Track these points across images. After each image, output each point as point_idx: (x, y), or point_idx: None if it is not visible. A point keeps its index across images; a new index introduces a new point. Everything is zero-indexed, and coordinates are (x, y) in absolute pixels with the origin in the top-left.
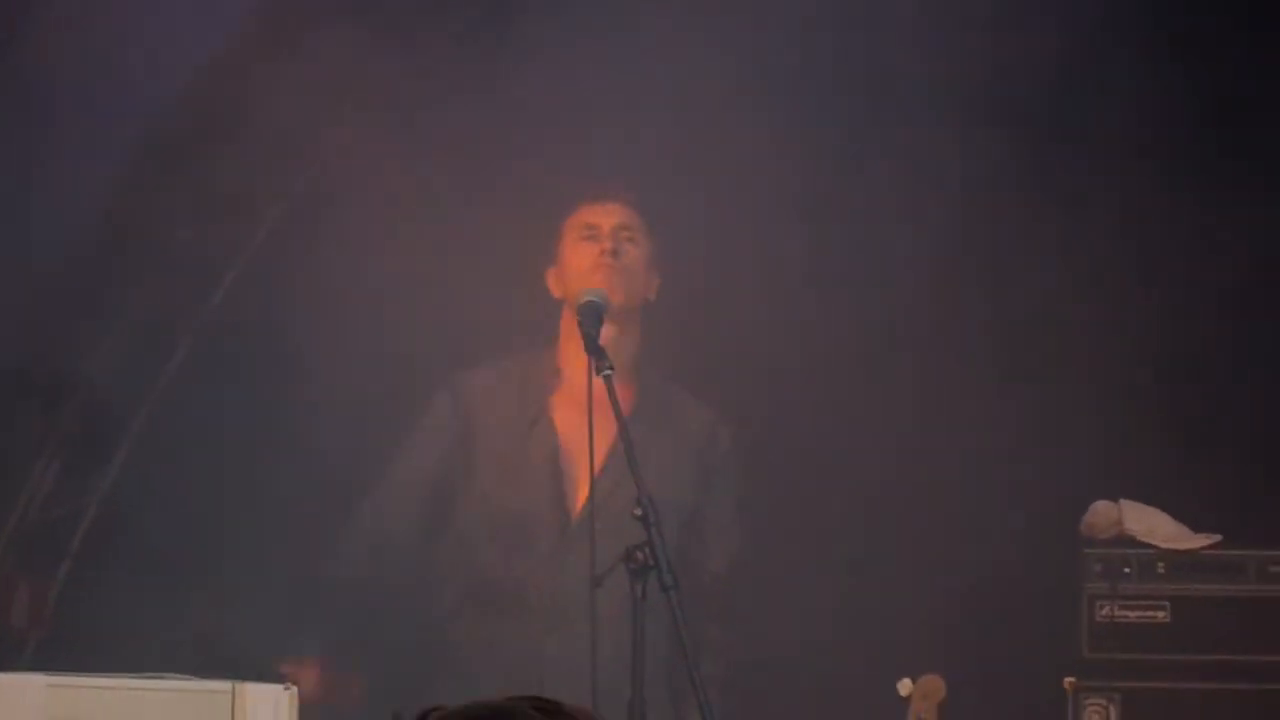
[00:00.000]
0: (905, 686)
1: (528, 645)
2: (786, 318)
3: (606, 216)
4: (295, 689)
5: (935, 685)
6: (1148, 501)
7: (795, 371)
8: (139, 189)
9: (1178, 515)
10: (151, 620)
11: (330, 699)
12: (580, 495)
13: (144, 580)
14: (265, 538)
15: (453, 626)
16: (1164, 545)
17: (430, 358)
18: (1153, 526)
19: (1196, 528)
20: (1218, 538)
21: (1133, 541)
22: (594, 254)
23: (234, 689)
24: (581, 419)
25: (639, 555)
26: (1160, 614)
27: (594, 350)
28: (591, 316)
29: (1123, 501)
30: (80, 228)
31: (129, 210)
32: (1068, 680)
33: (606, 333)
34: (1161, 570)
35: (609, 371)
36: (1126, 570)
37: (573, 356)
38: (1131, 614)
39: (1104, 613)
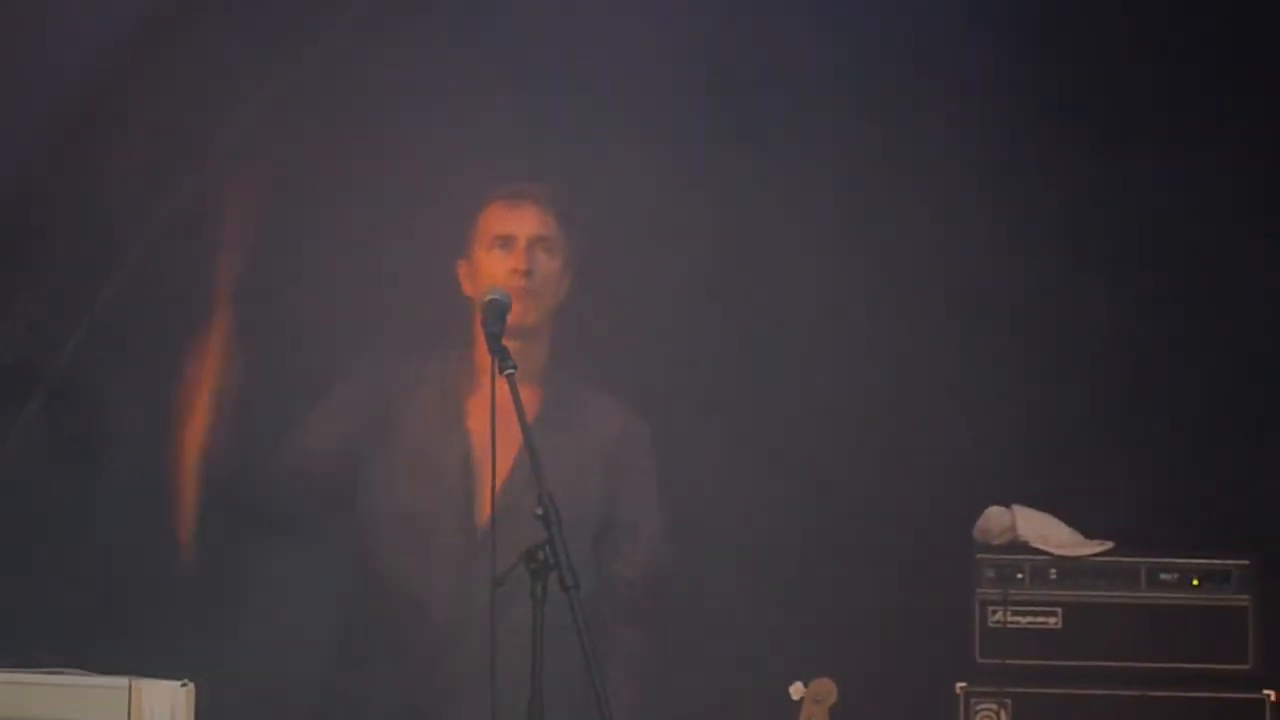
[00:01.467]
0: (797, 690)
1: (430, 651)
2: (704, 313)
3: (521, 224)
4: (192, 685)
5: (827, 688)
6: (1041, 507)
7: (707, 371)
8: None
9: (1071, 522)
10: (12, 615)
11: None
12: (487, 503)
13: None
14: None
15: (351, 624)
16: (1057, 551)
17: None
18: (1046, 533)
19: (1089, 534)
20: (1110, 544)
21: (1025, 547)
22: (506, 269)
23: (130, 685)
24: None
25: (539, 555)
26: (1052, 620)
27: (496, 350)
28: (494, 315)
29: (1016, 507)
30: None
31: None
32: (959, 685)
33: (514, 344)
34: (1054, 576)
35: (511, 371)
36: (1019, 576)
37: (485, 360)
38: (1023, 619)
39: (996, 618)
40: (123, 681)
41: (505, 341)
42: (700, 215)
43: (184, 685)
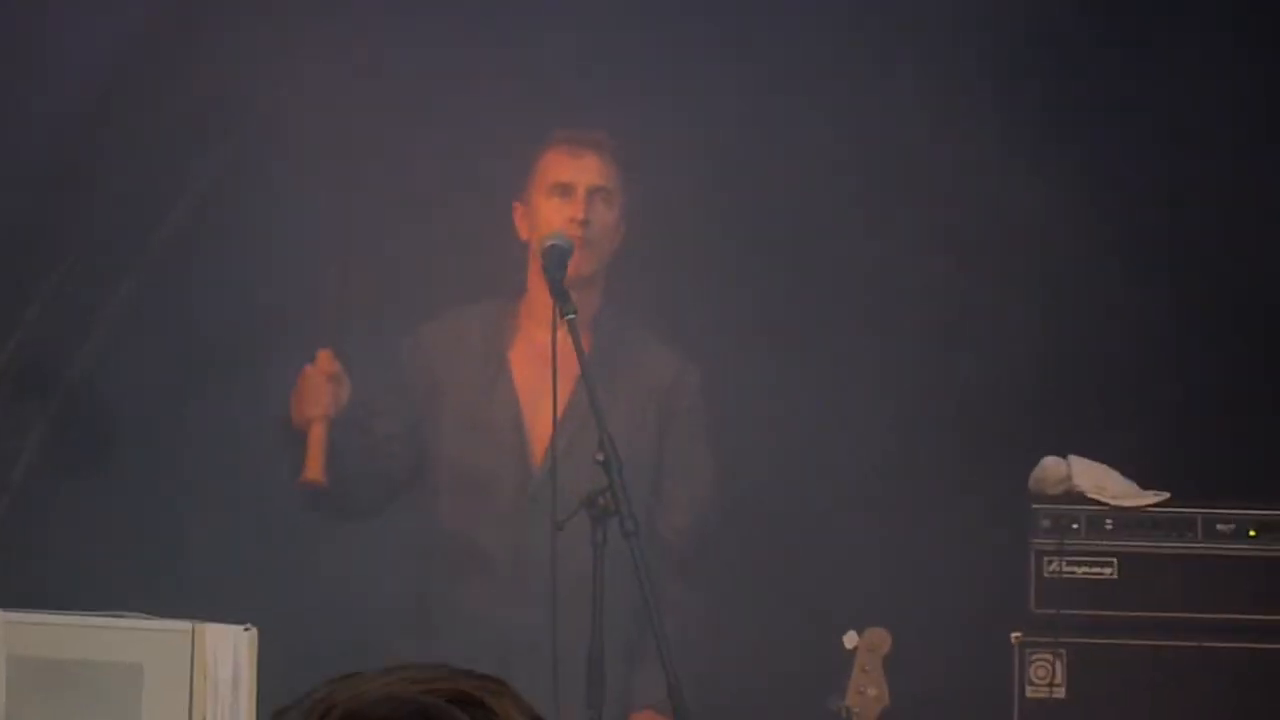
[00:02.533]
0: (851, 639)
1: (492, 604)
2: (758, 268)
3: (581, 173)
4: (255, 630)
5: (881, 638)
6: (1096, 458)
7: (761, 323)
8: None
9: (1126, 472)
10: (93, 558)
11: None
12: (540, 451)
13: (85, 517)
14: (215, 484)
15: (419, 587)
16: (1112, 502)
17: (391, 306)
18: (1101, 483)
19: (1145, 485)
20: (1166, 495)
21: (1081, 498)
22: (564, 217)
23: (193, 629)
24: (541, 371)
25: (600, 500)
26: (1108, 570)
27: (558, 293)
28: (556, 260)
29: (1071, 458)
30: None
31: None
32: (1014, 635)
33: (570, 293)
34: (1109, 527)
35: (573, 315)
36: (1074, 526)
37: (535, 306)
38: (1079, 570)
39: (1051, 568)
40: (186, 625)
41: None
42: (756, 164)
43: (246, 630)
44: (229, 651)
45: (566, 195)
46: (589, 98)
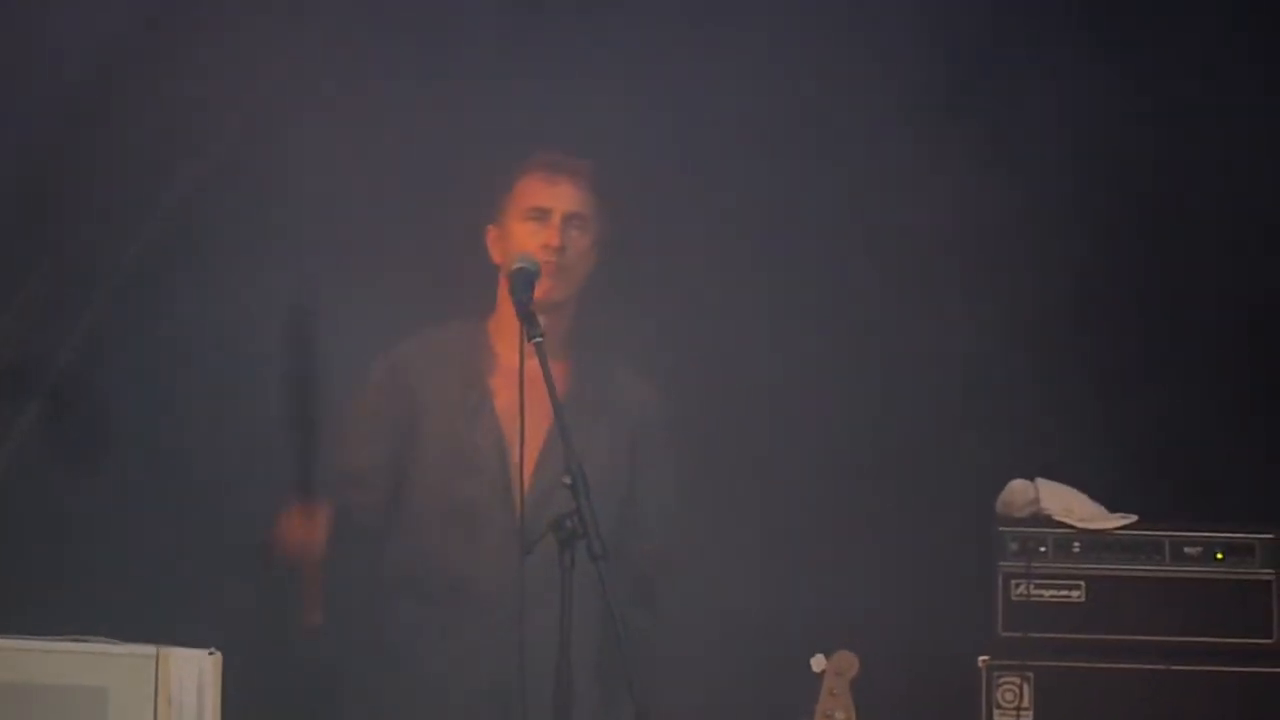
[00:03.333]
0: (819, 662)
1: (464, 631)
2: (727, 293)
3: (558, 200)
4: (219, 654)
5: (849, 661)
6: (1064, 480)
7: (729, 348)
8: (57, 147)
9: (1094, 495)
10: (55, 582)
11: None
12: (529, 479)
13: (52, 543)
14: (188, 507)
15: (402, 618)
16: (1080, 525)
17: (362, 327)
18: (1069, 505)
19: (1112, 507)
20: (1133, 518)
21: (1049, 520)
22: (538, 243)
23: (158, 653)
24: (517, 396)
25: (568, 523)
26: (1075, 593)
27: (525, 316)
28: (523, 283)
29: (1039, 480)
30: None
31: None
32: (982, 658)
33: (540, 319)
34: (1077, 549)
35: (539, 339)
36: (1042, 549)
37: (506, 330)
38: (1046, 593)
39: (1019, 591)
40: (150, 649)
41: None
42: (729, 195)
43: (211, 653)
44: (194, 675)
45: (542, 220)
46: (568, 122)
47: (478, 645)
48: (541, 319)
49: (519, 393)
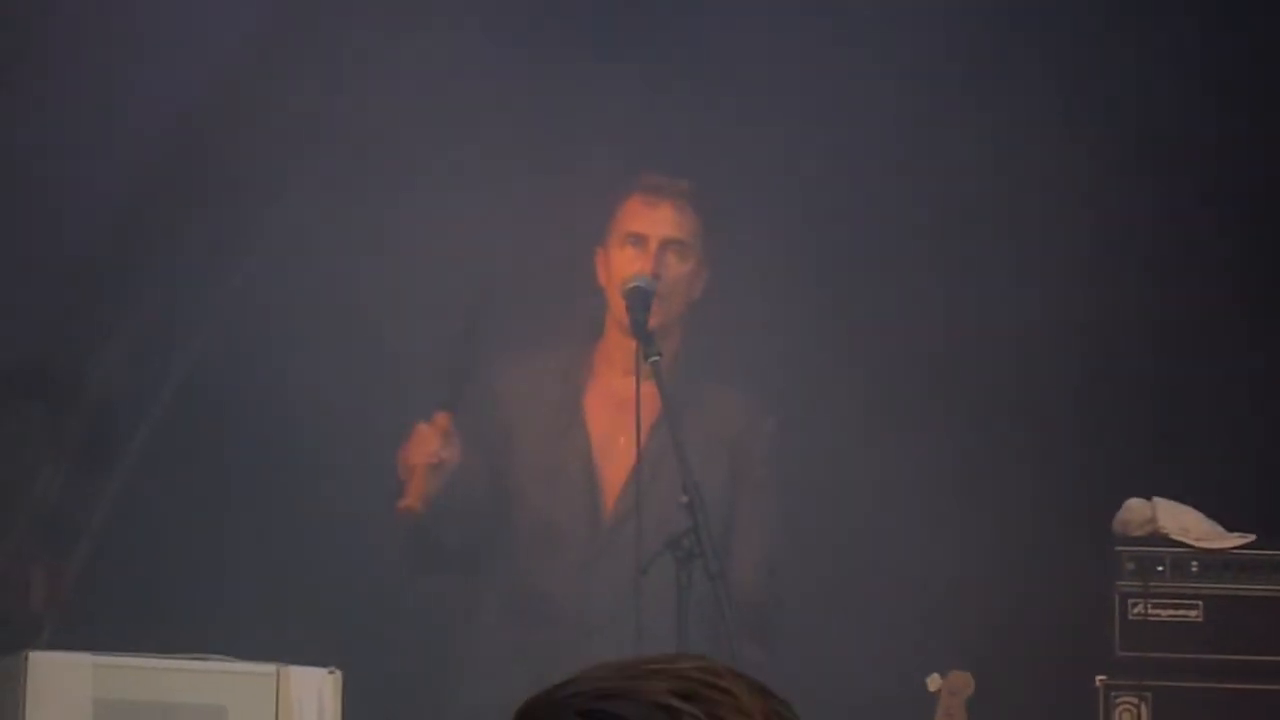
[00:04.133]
0: (934, 682)
1: (560, 653)
2: (835, 316)
3: (654, 225)
4: (339, 673)
5: (964, 681)
6: (1181, 499)
7: (835, 369)
8: (149, 186)
9: (1211, 514)
10: (168, 602)
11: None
12: (611, 500)
13: (158, 563)
14: (276, 537)
15: (493, 636)
16: (1197, 544)
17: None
18: (1186, 525)
19: (1230, 527)
20: (1251, 537)
21: (1166, 539)
22: (634, 270)
23: (278, 671)
24: (614, 417)
25: (684, 542)
26: (1193, 613)
27: (641, 336)
28: (639, 301)
29: (1156, 499)
30: (88, 229)
31: (138, 209)
32: (1099, 678)
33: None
34: (1195, 569)
35: (657, 358)
36: (1159, 568)
37: (611, 350)
38: (1164, 613)
39: (1136, 611)
40: (271, 668)
41: (631, 340)
42: (838, 214)
43: (331, 673)
44: (314, 694)
45: (640, 246)
46: (676, 144)
47: (568, 664)
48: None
49: (635, 412)
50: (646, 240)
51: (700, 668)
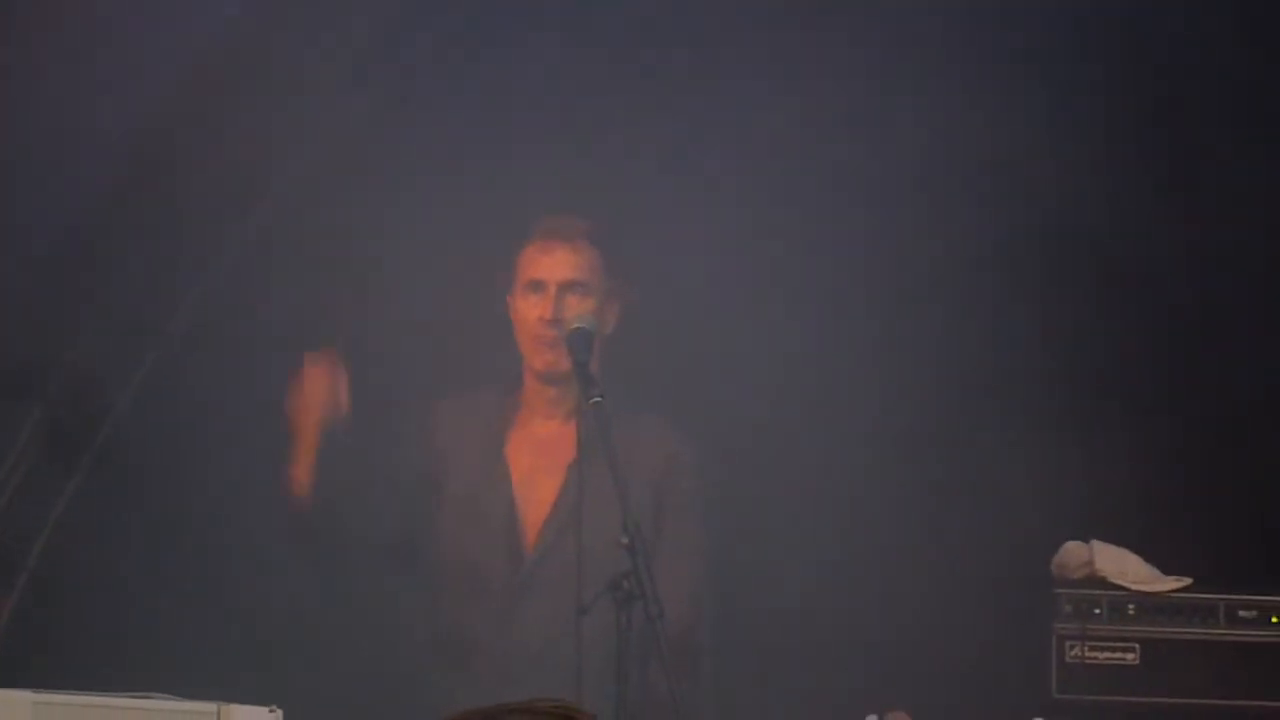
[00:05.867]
0: None
1: (484, 697)
2: (755, 342)
3: (551, 269)
4: (279, 711)
5: None
6: (1119, 543)
7: (760, 400)
8: (120, 192)
9: (1148, 557)
10: (108, 640)
11: None
12: (530, 542)
13: (100, 597)
14: (224, 565)
15: (414, 676)
16: (1135, 587)
17: (403, 385)
18: (1124, 568)
19: (1167, 570)
20: (1188, 580)
21: (1103, 582)
22: (535, 316)
23: (219, 710)
24: (535, 461)
25: (625, 584)
26: (1130, 655)
27: (582, 378)
28: (580, 343)
29: (1094, 542)
30: (53, 241)
31: (104, 221)
32: None
33: (551, 390)
34: (1132, 612)
35: (599, 399)
36: (1097, 611)
37: (530, 398)
38: (1101, 655)
39: (1074, 653)
40: (211, 707)
41: (542, 386)
42: (752, 238)
43: (272, 711)
44: None
45: (540, 291)
46: (578, 181)
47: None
48: (553, 389)
49: (553, 457)
50: (545, 285)
51: (557, 708)
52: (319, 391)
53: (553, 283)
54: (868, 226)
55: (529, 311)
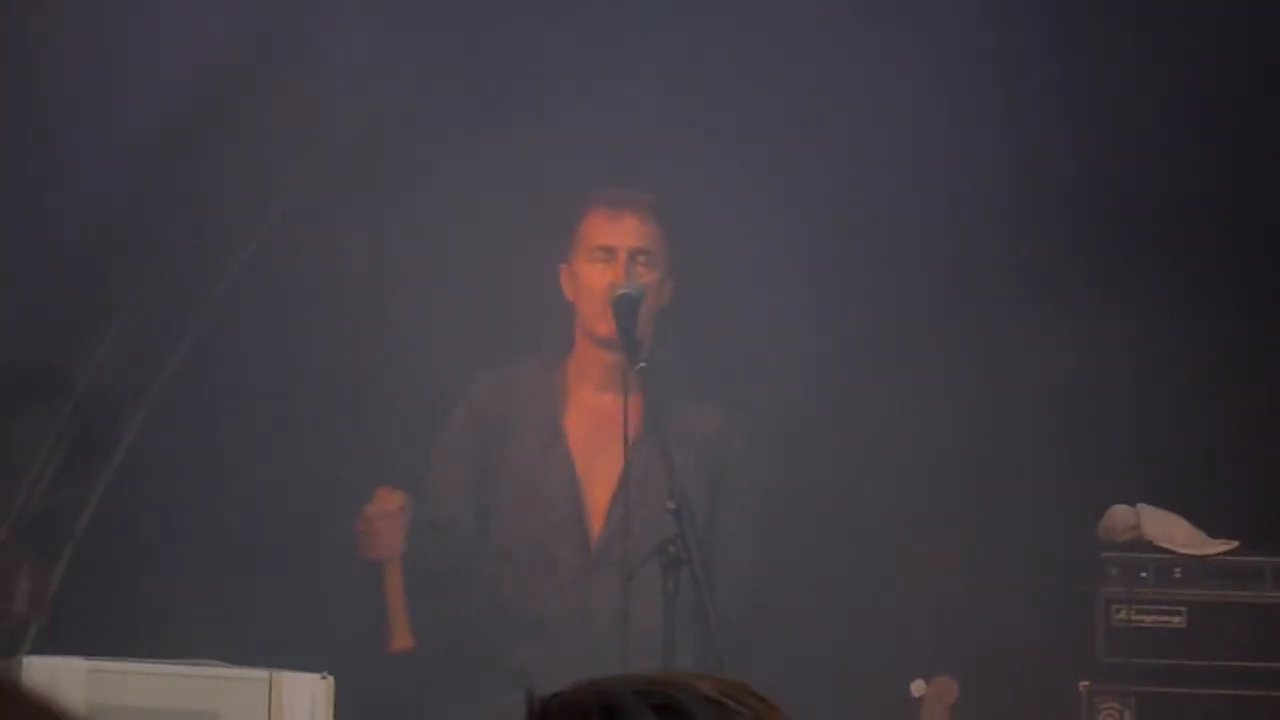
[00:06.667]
0: (919, 687)
1: (553, 672)
2: (805, 319)
3: (621, 236)
4: (332, 678)
5: (948, 686)
6: (1165, 506)
7: (810, 374)
8: (140, 185)
9: (1195, 520)
10: (152, 606)
11: None
12: (598, 521)
13: (144, 567)
14: (266, 537)
15: (480, 653)
16: (1181, 550)
17: (440, 358)
18: (1170, 531)
19: (1213, 533)
20: (1234, 543)
21: (1150, 546)
22: (605, 282)
23: (270, 676)
24: (594, 433)
25: (671, 549)
26: (1176, 619)
27: (628, 344)
28: (627, 309)
29: (1140, 506)
30: (83, 222)
31: (130, 205)
32: (1082, 684)
33: (612, 356)
34: (1178, 575)
35: (644, 365)
36: (1143, 575)
37: (584, 365)
38: (1147, 618)
39: (1120, 617)
40: (263, 673)
41: (605, 353)
42: (804, 216)
43: (324, 678)
44: (306, 700)
45: (608, 259)
46: (635, 154)
47: (560, 675)
48: (614, 355)
49: (622, 423)
50: (615, 252)
51: (737, 679)
52: (388, 536)
53: (623, 249)
54: (925, 208)
55: (596, 278)
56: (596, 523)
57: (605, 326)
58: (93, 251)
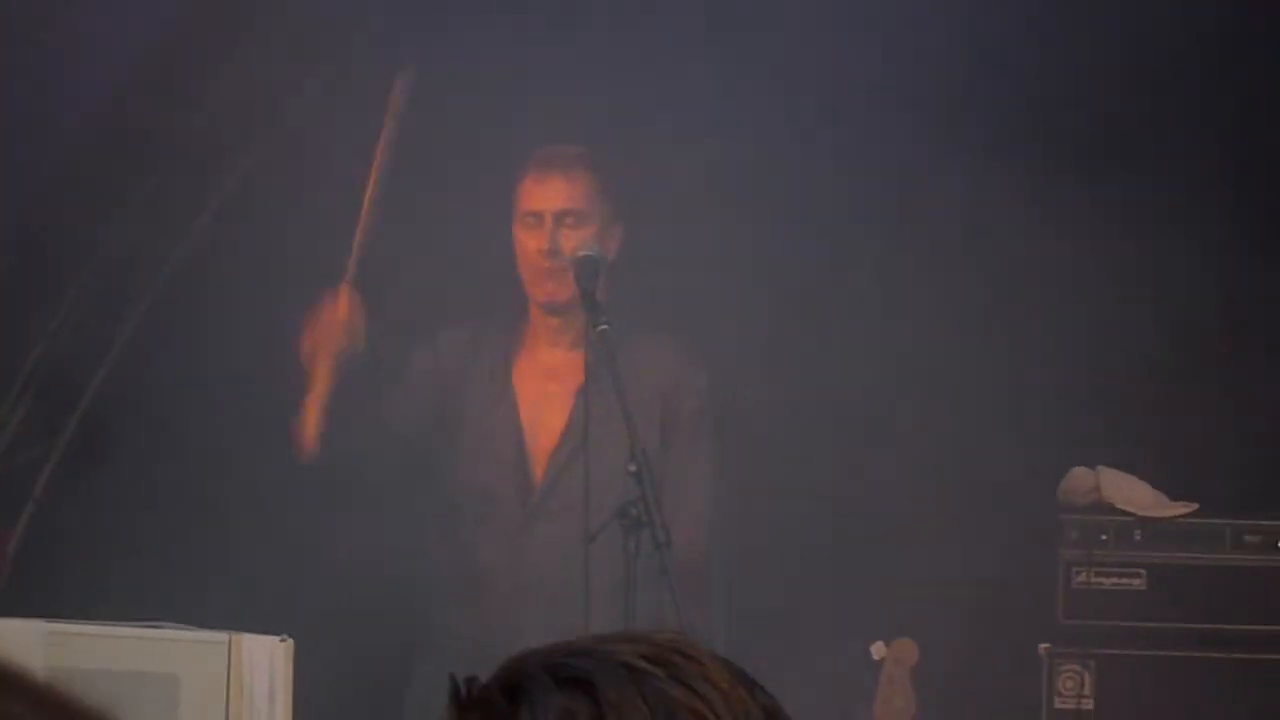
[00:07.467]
0: (879, 650)
1: (495, 626)
2: (770, 265)
3: (547, 200)
4: (290, 640)
5: (908, 649)
6: (1125, 469)
7: (765, 324)
8: (103, 139)
9: (1155, 483)
10: (111, 568)
11: None
12: (539, 470)
13: (103, 530)
14: (234, 494)
15: (433, 604)
16: (1141, 512)
17: (404, 317)
18: (1130, 494)
19: (1173, 495)
20: (1194, 506)
21: (1110, 508)
22: (534, 251)
23: (230, 639)
24: (543, 387)
25: (633, 511)
26: (1136, 581)
27: (589, 304)
28: (587, 271)
29: (1100, 468)
30: (39, 187)
31: (95, 157)
32: (1042, 646)
33: (554, 320)
34: (1138, 537)
35: (605, 327)
36: (1103, 537)
37: (536, 326)
38: (1107, 581)
39: (1080, 579)
40: (222, 636)
41: (545, 317)
42: (762, 157)
43: (283, 640)
44: (265, 662)
45: (537, 223)
46: (577, 108)
47: (508, 638)
48: (556, 319)
49: (561, 384)
50: (542, 216)
51: (673, 638)
52: (336, 327)
53: (549, 213)
54: (871, 140)
55: (528, 243)
56: (539, 471)
57: (541, 291)
58: (49, 215)
